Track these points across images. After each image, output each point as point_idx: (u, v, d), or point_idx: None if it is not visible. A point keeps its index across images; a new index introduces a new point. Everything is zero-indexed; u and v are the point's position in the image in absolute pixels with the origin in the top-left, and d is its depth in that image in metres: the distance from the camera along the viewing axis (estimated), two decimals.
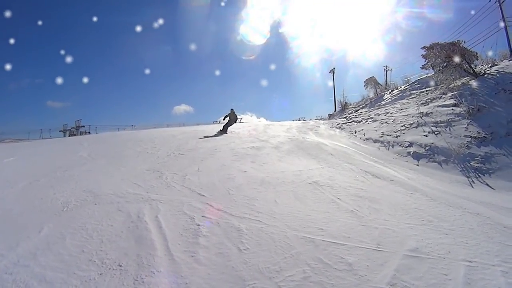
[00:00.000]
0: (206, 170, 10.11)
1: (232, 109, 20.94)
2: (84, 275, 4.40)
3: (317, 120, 33.10)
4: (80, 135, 36.69)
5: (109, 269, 4.54)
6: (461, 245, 5.31)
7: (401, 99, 22.43)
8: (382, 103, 24.62)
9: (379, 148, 14.74)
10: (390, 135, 15.67)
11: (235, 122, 21.40)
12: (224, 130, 20.21)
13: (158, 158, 12.34)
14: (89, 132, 39.60)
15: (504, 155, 11.51)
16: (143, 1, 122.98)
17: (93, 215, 6.56)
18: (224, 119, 21.28)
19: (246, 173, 9.67)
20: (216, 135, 18.58)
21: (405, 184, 9.10)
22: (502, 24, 25.30)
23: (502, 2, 26.18)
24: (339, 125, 21.12)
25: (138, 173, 9.98)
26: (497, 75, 18.07)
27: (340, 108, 35.70)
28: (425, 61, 21.74)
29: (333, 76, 48.90)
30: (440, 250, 5.06)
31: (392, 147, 14.45)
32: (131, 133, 23.08)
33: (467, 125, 14.03)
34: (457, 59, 19.58)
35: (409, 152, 13.39)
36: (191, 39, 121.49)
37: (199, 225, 5.90)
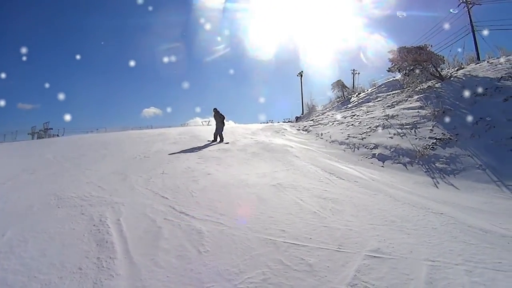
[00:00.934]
0: (171, 172, 10.11)
1: (215, 109, 17.21)
2: (45, 278, 4.37)
3: (285, 123, 33.31)
4: (48, 137, 35.90)
5: (69, 272, 4.50)
6: (424, 244, 5.29)
7: (368, 102, 22.93)
8: (349, 105, 25.10)
9: (344, 150, 14.93)
10: (355, 137, 15.92)
11: (223, 123, 17.10)
12: (215, 139, 16.64)
13: (123, 161, 12.29)
14: (58, 135, 38.92)
15: (469, 156, 11.79)
16: (115, 3, 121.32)
17: (56, 218, 6.52)
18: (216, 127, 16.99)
19: (210, 175, 9.65)
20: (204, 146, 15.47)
21: (369, 185, 9.16)
22: (470, 29, 26.28)
23: (471, 7, 27.13)
24: (305, 128, 21.32)
25: (102, 176, 9.92)
26: (463, 78, 18.71)
27: (307, 111, 36.15)
28: (392, 64, 22.15)
29: (301, 79, 49.49)
30: (402, 250, 5.03)
31: (358, 149, 14.67)
32: (99, 136, 23.02)
33: (433, 127, 14.38)
34: (423, 63, 20.04)
35: (374, 154, 13.60)
36: (160, 43, 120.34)
37: (160, 227, 5.88)
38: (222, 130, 16.88)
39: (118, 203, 7.26)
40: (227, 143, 16.24)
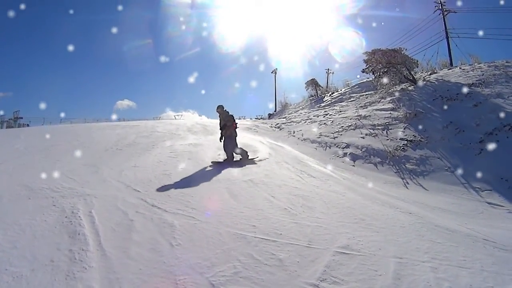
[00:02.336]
0: (143, 166, 10.01)
1: (220, 106, 11.42)
2: (16, 271, 4.32)
3: (257, 120, 33.32)
4: (18, 127, 34.78)
5: (41, 264, 4.47)
6: (392, 242, 5.46)
7: (341, 102, 23.22)
8: (322, 104, 25.34)
9: (316, 149, 15.06)
10: (327, 136, 16.07)
11: (235, 129, 11.17)
12: (229, 157, 10.84)
13: (95, 153, 12.04)
14: (28, 125, 37.69)
15: (438, 158, 12.19)
16: None
17: (27, 210, 6.41)
18: (221, 137, 11.20)
19: (182, 169, 9.64)
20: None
21: (340, 183, 9.32)
22: (444, 35, 27.04)
23: (446, 14, 27.86)
24: (278, 125, 21.31)
25: (74, 168, 9.70)
26: (436, 82, 19.24)
27: (280, 108, 36.31)
28: (366, 65, 22.44)
29: (275, 76, 49.61)
30: (371, 247, 5.16)
31: (329, 147, 14.83)
32: (71, 127, 22.34)
33: (404, 128, 14.74)
34: (397, 65, 20.40)
35: (345, 153, 13.81)
36: (134, 36, 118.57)
37: (132, 220, 5.86)
38: (236, 142, 11.18)
39: (90, 195, 7.17)
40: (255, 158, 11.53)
